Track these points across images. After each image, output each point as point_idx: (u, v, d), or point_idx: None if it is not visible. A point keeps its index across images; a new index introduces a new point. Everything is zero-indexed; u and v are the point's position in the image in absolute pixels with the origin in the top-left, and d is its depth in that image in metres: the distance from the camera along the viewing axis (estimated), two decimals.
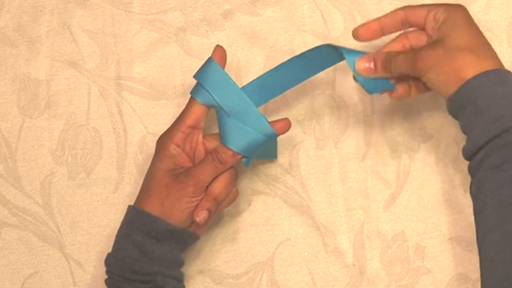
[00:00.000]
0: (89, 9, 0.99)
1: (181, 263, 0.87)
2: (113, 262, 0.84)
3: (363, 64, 0.83)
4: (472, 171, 0.80)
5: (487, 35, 0.96)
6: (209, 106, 0.87)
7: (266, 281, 0.93)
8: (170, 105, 0.97)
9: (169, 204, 0.84)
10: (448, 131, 0.95)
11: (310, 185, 0.95)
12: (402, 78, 0.85)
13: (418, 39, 0.86)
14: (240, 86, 0.87)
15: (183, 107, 0.96)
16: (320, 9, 0.98)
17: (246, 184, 0.95)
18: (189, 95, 0.96)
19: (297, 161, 0.95)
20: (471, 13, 0.97)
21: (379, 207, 0.94)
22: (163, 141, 0.86)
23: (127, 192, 0.95)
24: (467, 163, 0.95)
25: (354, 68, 0.84)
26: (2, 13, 0.99)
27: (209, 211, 0.84)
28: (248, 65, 0.97)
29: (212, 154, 0.85)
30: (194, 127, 0.87)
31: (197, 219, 0.84)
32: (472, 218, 0.93)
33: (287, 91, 0.96)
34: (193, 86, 0.97)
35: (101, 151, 0.96)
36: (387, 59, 0.83)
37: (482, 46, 0.81)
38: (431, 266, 0.92)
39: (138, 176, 0.95)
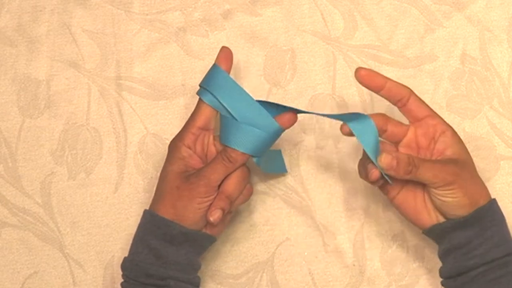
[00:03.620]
0: (89, 9, 0.99)
1: (197, 267, 0.86)
2: (128, 266, 0.84)
3: (387, 160, 0.82)
4: (460, 285, 0.83)
5: (487, 35, 0.97)
6: (215, 108, 0.87)
7: (266, 281, 0.93)
8: (170, 105, 0.97)
9: (181, 206, 0.84)
10: None
11: (310, 185, 0.95)
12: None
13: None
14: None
15: (183, 107, 0.96)
16: (320, 9, 0.98)
17: None
18: (190, 94, 0.97)
19: (297, 161, 0.95)
20: (471, 13, 0.97)
21: (379, 207, 0.94)
22: (175, 144, 0.87)
23: (127, 192, 0.95)
24: None
25: (376, 159, 0.82)
26: (2, 13, 0.99)
27: (223, 209, 0.84)
28: (248, 65, 0.97)
29: (221, 154, 0.85)
30: (204, 128, 0.87)
31: (211, 218, 0.84)
32: None
33: (288, 91, 0.97)
34: (193, 86, 0.97)
35: (101, 151, 0.96)
36: (409, 162, 0.82)
37: (478, 173, 0.86)
38: (431, 266, 0.92)
39: (138, 176, 0.95)
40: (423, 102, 0.86)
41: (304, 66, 0.97)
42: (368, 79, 0.85)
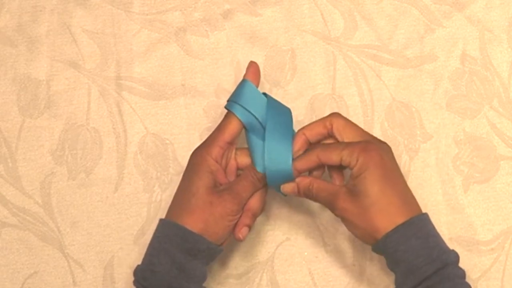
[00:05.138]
0: (89, 9, 0.99)
1: (206, 278, 0.86)
2: (148, 276, 0.83)
3: (287, 190, 0.87)
4: None
5: (487, 35, 0.97)
6: (245, 122, 0.86)
7: (266, 281, 0.93)
8: (170, 105, 0.97)
9: (212, 221, 0.83)
10: (448, 131, 0.95)
11: None
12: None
13: None
14: None
15: (183, 107, 0.96)
16: (320, 9, 0.98)
17: None
18: (189, 94, 0.97)
19: None
20: (471, 13, 0.97)
21: None
22: (202, 156, 0.86)
23: (127, 192, 0.95)
24: (467, 163, 0.95)
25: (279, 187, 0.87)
26: (2, 13, 0.99)
27: (249, 227, 0.86)
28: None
29: (251, 172, 0.86)
30: (230, 143, 0.87)
31: (240, 236, 0.85)
32: (472, 218, 0.93)
33: (288, 91, 0.97)
34: (193, 86, 0.97)
35: (101, 151, 0.96)
36: (308, 189, 0.85)
37: (396, 198, 0.82)
38: None
39: (138, 176, 0.95)
40: (332, 148, 0.85)
41: (304, 66, 0.97)
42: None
